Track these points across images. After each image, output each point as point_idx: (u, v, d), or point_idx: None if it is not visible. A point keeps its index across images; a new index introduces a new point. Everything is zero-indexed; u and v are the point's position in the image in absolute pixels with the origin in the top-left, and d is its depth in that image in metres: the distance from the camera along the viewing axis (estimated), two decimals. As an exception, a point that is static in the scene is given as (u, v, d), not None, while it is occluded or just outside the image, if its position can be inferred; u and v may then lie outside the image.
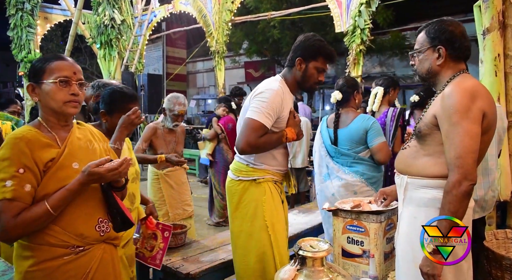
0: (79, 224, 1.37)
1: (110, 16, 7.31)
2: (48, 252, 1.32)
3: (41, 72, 1.39)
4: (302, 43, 2.06)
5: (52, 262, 1.32)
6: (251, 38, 13.20)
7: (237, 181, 2.09)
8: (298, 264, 1.32)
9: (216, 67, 7.50)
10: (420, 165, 1.61)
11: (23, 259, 1.33)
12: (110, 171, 1.35)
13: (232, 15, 7.25)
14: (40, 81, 1.38)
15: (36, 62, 1.44)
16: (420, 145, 1.63)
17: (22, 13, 7.37)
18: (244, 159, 2.08)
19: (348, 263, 2.10)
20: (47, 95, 1.38)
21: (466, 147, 1.44)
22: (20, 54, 7.49)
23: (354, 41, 5.28)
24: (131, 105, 1.91)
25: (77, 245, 1.37)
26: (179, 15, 8.93)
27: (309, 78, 2.06)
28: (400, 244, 1.69)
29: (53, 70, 1.39)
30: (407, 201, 1.66)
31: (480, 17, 3.06)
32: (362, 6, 5.16)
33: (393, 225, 2.15)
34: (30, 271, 1.32)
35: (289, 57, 2.11)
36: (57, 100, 1.38)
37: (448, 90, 1.52)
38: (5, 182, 1.25)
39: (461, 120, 1.45)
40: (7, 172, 1.26)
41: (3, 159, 1.27)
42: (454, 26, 1.58)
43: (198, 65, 19.53)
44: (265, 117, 1.92)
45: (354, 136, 2.61)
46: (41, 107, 1.42)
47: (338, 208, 2.14)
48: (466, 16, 11.45)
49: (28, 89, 1.41)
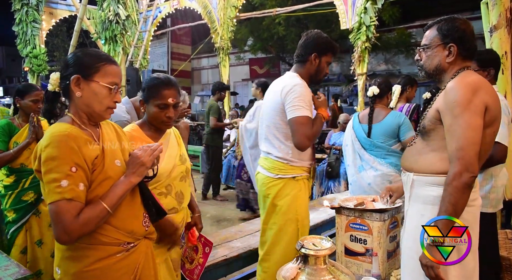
0: (129, 222, 1.37)
1: (115, 12, 7.30)
2: (102, 251, 1.31)
3: (95, 70, 1.34)
4: (314, 40, 2.23)
5: (107, 261, 1.31)
6: (256, 35, 13.18)
7: (276, 178, 2.19)
8: (301, 262, 1.31)
9: (221, 64, 7.49)
10: (425, 161, 1.60)
11: (75, 260, 1.29)
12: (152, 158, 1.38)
13: (237, 11, 7.23)
14: (91, 78, 1.34)
15: (89, 56, 1.37)
16: (425, 141, 1.63)
17: (27, 8, 7.38)
18: (283, 159, 2.19)
19: (351, 261, 2.09)
20: (94, 95, 1.34)
21: (468, 139, 1.44)
22: (25, 49, 7.51)
23: (359, 38, 5.25)
24: (166, 91, 1.76)
25: (128, 242, 1.36)
26: (184, 11, 8.91)
27: (321, 71, 2.26)
28: (406, 241, 1.68)
29: (108, 73, 1.36)
30: (414, 199, 1.65)
31: (487, 14, 3.03)
32: (368, 3, 5.13)
33: (396, 224, 2.14)
34: (85, 271, 1.29)
35: (300, 53, 2.24)
36: (103, 104, 1.36)
37: (451, 84, 1.53)
38: (59, 182, 1.19)
39: (463, 113, 1.45)
40: (61, 171, 1.20)
41: (52, 158, 1.20)
42: (467, 25, 1.59)
43: (202, 62, 19.54)
44: (306, 110, 2.08)
45: (387, 130, 2.84)
46: (75, 103, 1.36)
47: (341, 206, 2.13)
48: (473, 14, 11.36)
49: (73, 81, 1.32)
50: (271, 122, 2.21)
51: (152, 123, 1.80)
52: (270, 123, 2.22)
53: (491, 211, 2.26)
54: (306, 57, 2.21)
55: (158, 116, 1.75)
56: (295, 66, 2.28)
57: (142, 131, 1.81)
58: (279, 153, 2.19)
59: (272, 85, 2.32)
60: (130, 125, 1.84)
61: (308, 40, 2.24)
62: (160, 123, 1.78)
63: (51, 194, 1.20)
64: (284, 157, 2.18)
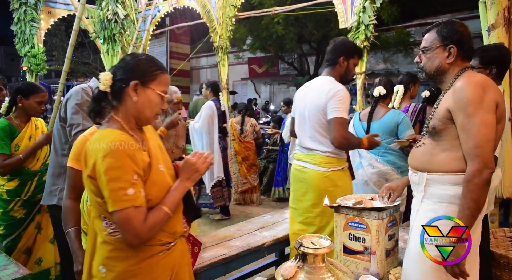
0: (173, 224, 1.44)
1: (114, 11, 7.29)
2: (148, 251, 1.37)
3: (152, 78, 1.41)
4: (341, 45, 2.51)
5: (151, 260, 1.38)
6: (255, 34, 13.16)
7: (330, 172, 2.45)
8: (299, 261, 1.31)
9: (220, 63, 7.48)
10: (439, 161, 1.63)
11: (122, 260, 1.36)
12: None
13: (236, 10, 7.22)
14: (148, 85, 1.40)
15: (149, 64, 1.44)
16: (435, 142, 1.65)
17: (25, 8, 7.35)
18: (332, 153, 2.46)
19: (349, 260, 2.10)
20: (149, 102, 1.41)
21: (484, 136, 1.47)
22: (24, 48, 7.48)
23: (358, 37, 5.24)
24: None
25: (169, 242, 1.44)
26: (183, 10, 8.89)
27: (350, 72, 2.54)
28: (413, 238, 1.69)
29: (163, 82, 1.45)
30: (428, 197, 1.67)
31: (485, 13, 3.04)
32: (367, 2, 5.12)
33: (395, 222, 2.15)
34: (131, 270, 1.36)
35: (330, 57, 2.52)
36: (154, 111, 1.44)
37: (460, 83, 1.56)
38: (126, 190, 1.26)
39: (477, 111, 1.49)
40: (126, 180, 1.26)
41: (114, 167, 1.26)
42: (464, 28, 1.65)
43: (201, 61, 19.52)
44: (345, 113, 2.37)
45: (386, 128, 2.91)
46: (127, 107, 1.41)
47: (339, 204, 2.14)
48: (471, 13, 11.37)
49: (132, 86, 1.38)
50: (316, 122, 2.45)
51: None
52: (314, 122, 2.46)
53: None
54: (335, 60, 2.49)
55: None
56: (327, 69, 2.55)
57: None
58: (328, 148, 2.44)
59: (309, 88, 2.58)
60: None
61: (336, 45, 2.51)
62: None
63: (118, 202, 1.26)
64: (333, 151, 2.45)
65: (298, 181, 2.58)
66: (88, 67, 16.71)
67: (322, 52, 14.56)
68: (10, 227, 2.58)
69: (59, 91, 6.16)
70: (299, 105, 2.60)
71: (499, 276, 2.47)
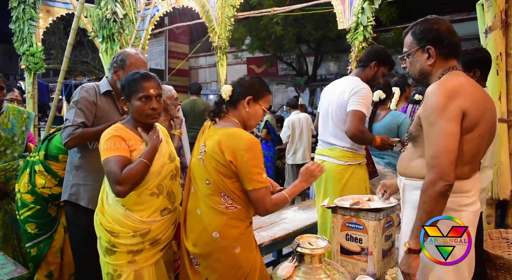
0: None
1: (112, 10, 7.27)
2: (247, 223, 1.81)
3: (262, 96, 1.84)
4: (377, 51, 2.67)
5: (249, 229, 1.82)
6: (254, 34, 13.16)
7: (346, 165, 2.59)
8: (296, 261, 1.32)
9: (218, 63, 7.48)
10: (414, 167, 1.62)
11: (233, 228, 1.75)
12: None
13: (235, 10, 7.22)
14: (258, 101, 1.85)
15: (262, 86, 1.87)
16: (413, 147, 1.64)
17: (24, 6, 7.33)
18: (350, 148, 2.59)
19: (346, 260, 2.11)
20: (255, 114, 1.86)
21: (442, 147, 1.42)
22: (22, 47, 7.46)
23: (356, 38, 5.25)
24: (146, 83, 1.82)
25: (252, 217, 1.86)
26: (182, 10, 8.89)
27: (377, 78, 2.67)
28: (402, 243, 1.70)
29: (267, 101, 1.88)
30: (405, 203, 1.68)
31: (482, 16, 3.04)
32: (365, 3, 5.13)
33: (391, 223, 2.16)
34: (244, 233, 1.77)
35: (363, 59, 2.67)
36: (257, 121, 1.89)
37: (429, 90, 1.51)
38: (262, 175, 1.69)
39: (437, 119, 1.43)
40: (261, 167, 1.71)
41: (255, 158, 1.69)
42: (440, 24, 1.56)
43: (200, 60, 19.49)
44: (365, 108, 2.47)
45: (386, 130, 2.95)
46: (240, 113, 1.84)
47: (337, 205, 2.15)
48: (469, 14, 11.40)
49: (247, 99, 1.81)
50: (338, 118, 2.58)
51: (138, 119, 1.83)
52: (337, 119, 2.59)
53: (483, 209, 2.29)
54: (367, 63, 2.63)
55: (142, 109, 1.80)
56: (357, 70, 2.70)
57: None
58: (347, 144, 2.58)
59: (336, 85, 2.69)
60: (114, 126, 1.85)
61: (372, 50, 2.70)
62: (146, 117, 1.82)
63: (255, 182, 1.69)
64: (351, 146, 2.58)
65: None
66: (86, 66, 16.67)
67: (320, 53, 14.60)
68: (45, 226, 2.46)
69: (57, 89, 6.17)
70: (325, 101, 2.73)
71: (495, 277, 2.48)
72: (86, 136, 2.13)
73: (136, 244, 1.77)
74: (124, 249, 1.76)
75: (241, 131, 1.75)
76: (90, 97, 2.20)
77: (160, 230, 1.83)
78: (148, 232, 1.78)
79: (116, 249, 1.76)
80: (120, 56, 2.30)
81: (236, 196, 1.74)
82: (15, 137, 2.76)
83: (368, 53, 2.68)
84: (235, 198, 1.74)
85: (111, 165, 1.69)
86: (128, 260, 1.76)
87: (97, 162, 2.06)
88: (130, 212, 1.76)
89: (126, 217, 1.76)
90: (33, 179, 2.41)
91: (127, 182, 1.67)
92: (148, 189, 1.79)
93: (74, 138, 2.10)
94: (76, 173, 2.23)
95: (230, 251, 1.73)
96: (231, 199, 1.74)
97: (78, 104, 2.17)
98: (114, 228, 1.76)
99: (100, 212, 1.83)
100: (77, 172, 2.23)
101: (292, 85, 15.85)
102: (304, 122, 5.96)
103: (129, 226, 1.76)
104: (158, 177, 1.81)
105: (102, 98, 2.26)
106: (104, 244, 1.79)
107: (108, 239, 1.77)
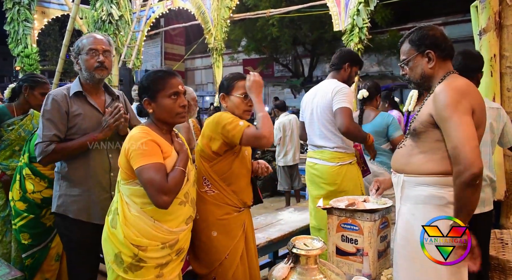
0: (245, 195, 2.04)
1: (108, 11, 7.26)
2: (227, 208, 1.96)
3: (231, 87, 1.99)
4: (347, 53, 2.82)
5: (229, 215, 1.96)
6: (250, 36, 13.20)
7: (338, 166, 2.64)
8: (292, 262, 1.32)
9: (214, 64, 7.49)
10: (415, 162, 1.64)
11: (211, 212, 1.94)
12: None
13: (231, 12, 7.24)
14: (230, 93, 2.00)
15: (229, 79, 2.03)
16: (415, 143, 1.66)
17: (19, 7, 7.31)
18: (339, 148, 2.65)
19: (342, 261, 2.11)
20: (233, 104, 1.99)
21: (462, 138, 1.46)
22: (17, 48, 7.43)
23: (352, 40, 5.28)
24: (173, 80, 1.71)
25: (239, 207, 2.00)
26: (178, 12, 8.89)
27: (351, 78, 2.79)
28: (398, 241, 1.71)
29: (241, 87, 1.98)
30: (405, 199, 1.68)
31: (476, 17, 3.07)
32: (361, 5, 5.17)
33: (387, 224, 2.16)
34: (220, 219, 1.94)
35: (335, 62, 2.77)
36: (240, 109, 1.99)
37: (439, 89, 1.57)
38: (239, 122, 1.88)
39: (453, 114, 1.49)
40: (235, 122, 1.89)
41: (225, 118, 1.89)
42: (434, 30, 1.66)
43: (196, 62, 19.50)
44: (350, 105, 2.57)
45: (377, 130, 3.04)
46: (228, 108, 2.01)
47: (332, 206, 2.15)
48: (464, 16, 11.48)
49: (221, 97, 2.03)
50: (325, 119, 2.65)
51: (167, 119, 1.70)
52: (323, 120, 2.66)
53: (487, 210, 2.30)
54: (341, 66, 2.74)
55: (172, 107, 1.67)
56: (332, 73, 2.79)
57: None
58: (335, 144, 2.64)
59: (317, 90, 2.77)
60: (143, 129, 1.67)
61: (342, 53, 2.80)
62: (176, 116, 1.69)
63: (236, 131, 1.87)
64: (340, 145, 2.64)
65: (311, 175, 2.79)
66: (82, 67, 16.62)
67: (316, 54, 14.64)
68: (38, 237, 2.35)
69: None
70: (308, 107, 2.79)
71: (490, 277, 2.49)
72: (61, 152, 1.93)
73: (164, 256, 1.65)
74: (152, 263, 1.62)
75: (214, 115, 1.97)
76: (59, 104, 1.96)
77: (185, 239, 1.75)
78: (177, 242, 1.68)
79: (144, 264, 1.60)
80: (75, 44, 2.07)
81: (214, 180, 1.94)
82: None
83: (339, 56, 2.78)
84: (213, 182, 1.94)
85: (152, 173, 1.52)
86: (156, 275, 1.63)
87: (83, 171, 2.00)
88: (160, 223, 1.62)
89: (156, 228, 1.61)
90: (23, 184, 2.33)
91: (173, 192, 1.57)
92: (178, 198, 1.66)
93: (47, 156, 1.91)
94: (62, 183, 2.02)
95: (207, 233, 1.93)
96: (210, 183, 1.95)
97: (45, 114, 1.95)
98: (142, 241, 1.59)
99: (123, 225, 1.61)
100: (63, 181, 2.02)
101: (288, 87, 15.88)
102: (294, 123, 5.95)
103: (158, 238, 1.62)
104: (186, 184, 1.71)
105: (75, 101, 2.02)
106: (127, 260, 1.60)
107: (133, 254, 1.59)
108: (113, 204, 1.71)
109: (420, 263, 1.56)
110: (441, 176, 1.56)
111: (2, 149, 2.67)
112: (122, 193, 1.67)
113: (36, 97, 2.63)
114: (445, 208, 1.55)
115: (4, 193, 2.65)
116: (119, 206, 1.65)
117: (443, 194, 1.55)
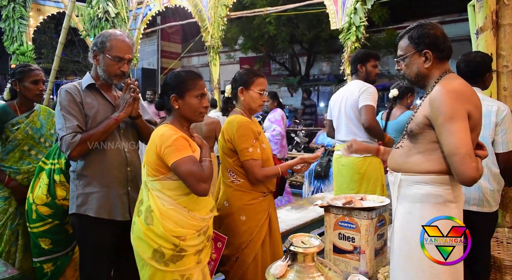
0: (271, 182, 2.22)
1: (104, 9, 7.23)
2: (253, 194, 2.14)
3: (251, 82, 2.16)
4: (355, 55, 3.05)
5: (255, 200, 2.15)
6: (247, 34, 13.18)
7: (362, 157, 2.89)
8: (289, 260, 1.32)
9: (211, 63, 7.48)
10: (412, 162, 1.64)
11: (239, 198, 2.13)
12: None
13: (228, 10, 7.22)
14: (249, 88, 2.16)
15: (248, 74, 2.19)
16: (412, 144, 1.67)
17: (14, 5, 7.25)
18: (364, 141, 2.76)
19: (339, 259, 2.12)
20: (251, 98, 2.17)
21: (454, 147, 1.47)
22: (12, 46, 7.38)
23: (349, 39, 5.28)
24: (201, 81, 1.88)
25: (264, 192, 2.18)
26: (175, 9, 8.87)
27: (370, 74, 3.02)
28: (395, 240, 1.71)
29: (259, 83, 2.17)
30: (402, 198, 1.68)
31: (473, 17, 3.07)
32: (358, 4, 5.17)
33: (384, 222, 2.17)
34: (248, 204, 2.13)
35: (351, 68, 3.08)
36: (257, 104, 2.19)
37: (435, 91, 1.56)
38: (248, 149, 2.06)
39: (446, 122, 1.49)
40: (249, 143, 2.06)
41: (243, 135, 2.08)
42: (435, 29, 1.63)
43: (193, 60, 19.44)
44: (374, 103, 2.85)
45: (401, 127, 3.19)
46: (241, 104, 2.19)
47: (330, 204, 2.16)
48: (461, 15, 11.52)
49: (239, 90, 2.18)
50: (353, 116, 2.92)
51: (190, 117, 1.86)
52: (351, 114, 2.93)
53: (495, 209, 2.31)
54: (355, 69, 3.03)
55: (197, 107, 1.84)
56: (353, 77, 3.10)
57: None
58: (360, 139, 2.81)
59: (345, 90, 3.04)
60: (168, 126, 1.79)
61: (351, 58, 3.06)
62: (198, 115, 1.87)
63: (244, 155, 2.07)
64: (364, 140, 2.84)
65: (337, 166, 3.08)
66: (77, 65, 16.50)
67: (313, 53, 14.65)
68: (59, 243, 2.25)
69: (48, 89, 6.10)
70: (336, 105, 3.07)
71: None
72: (89, 140, 1.90)
73: (200, 243, 1.78)
74: (192, 250, 1.75)
75: (236, 117, 2.12)
76: (73, 96, 1.95)
77: (211, 226, 1.90)
78: (208, 229, 1.84)
79: (185, 253, 1.72)
80: (100, 37, 2.03)
81: (239, 172, 2.13)
82: (42, 138, 2.57)
83: (351, 62, 3.07)
84: (238, 173, 2.13)
85: (190, 165, 1.67)
86: (196, 261, 1.77)
87: (99, 166, 1.97)
88: (193, 213, 1.76)
89: (191, 217, 1.75)
90: (53, 190, 2.17)
91: (210, 179, 1.74)
92: None
93: (75, 148, 1.86)
94: (80, 182, 1.98)
95: (236, 218, 2.12)
96: (235, 174, 2.14)
97: (63, 108, 1.93)
98: (181, 231, 1.72)
99: (161, 220, 1.70)
100: (79, 181, 1.98)
101: (285, 85, 15.88)
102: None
103: (194, 226, 1.75)
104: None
105: (88, 94, 2.01)
106: (168, 252, 1.70)
107: (174, 245, 1.70)
108: (142, 204, 1.78)
109: (416, 261, 1.57)
110: (438, 175, 1.57)
111: (10, 151, 2.49)
112: (151, 190, 1.75)
113: (28, 88, 2.46)
114: (442, 207, 1.56)
115: (15, 199, 2.48)
116: (151, 203, 1.74)
117: (440, 192, 1.56)
